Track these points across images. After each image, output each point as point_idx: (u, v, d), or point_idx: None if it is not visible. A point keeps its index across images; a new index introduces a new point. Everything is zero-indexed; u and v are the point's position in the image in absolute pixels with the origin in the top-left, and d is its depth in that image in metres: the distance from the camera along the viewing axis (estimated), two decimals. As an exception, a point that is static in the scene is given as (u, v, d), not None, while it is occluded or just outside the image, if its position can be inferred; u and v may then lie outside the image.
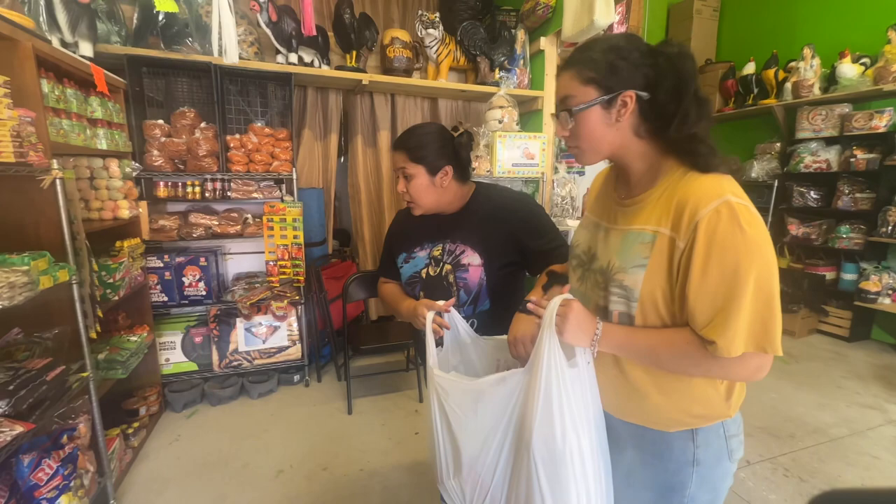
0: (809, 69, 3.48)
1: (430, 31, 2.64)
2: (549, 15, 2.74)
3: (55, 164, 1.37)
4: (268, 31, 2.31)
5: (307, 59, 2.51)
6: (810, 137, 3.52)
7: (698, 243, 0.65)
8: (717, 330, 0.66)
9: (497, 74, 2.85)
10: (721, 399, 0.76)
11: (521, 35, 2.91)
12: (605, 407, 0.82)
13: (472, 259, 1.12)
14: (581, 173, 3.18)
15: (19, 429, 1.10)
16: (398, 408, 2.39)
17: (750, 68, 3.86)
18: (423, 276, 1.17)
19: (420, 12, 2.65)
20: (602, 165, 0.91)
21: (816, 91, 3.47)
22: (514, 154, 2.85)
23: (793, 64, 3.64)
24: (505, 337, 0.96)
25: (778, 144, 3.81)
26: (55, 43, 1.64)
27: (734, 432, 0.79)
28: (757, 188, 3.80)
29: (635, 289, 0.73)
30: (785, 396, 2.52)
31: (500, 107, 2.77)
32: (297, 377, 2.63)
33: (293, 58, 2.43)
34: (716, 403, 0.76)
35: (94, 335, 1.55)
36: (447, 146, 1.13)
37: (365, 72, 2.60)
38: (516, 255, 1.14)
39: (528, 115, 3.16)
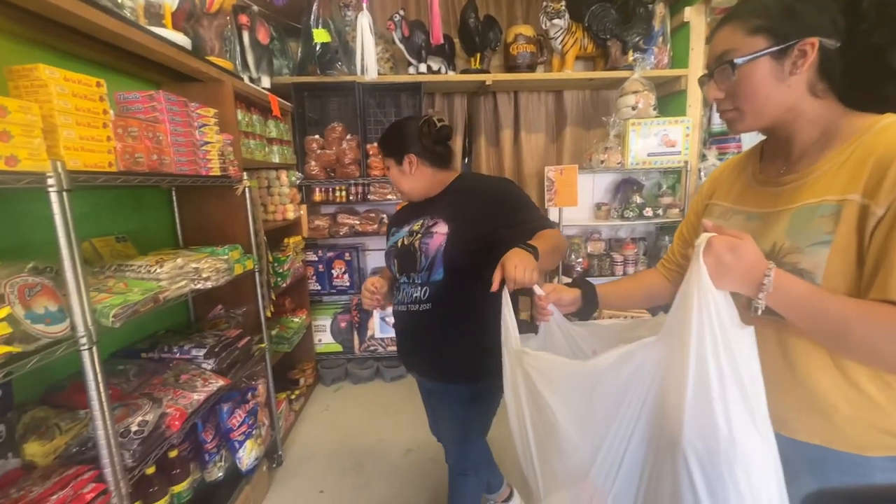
0: None
1: (556, 21, 2.55)
2: (696, -19, 2.41)
3: (245, 176, 1.73)
4: (401, 46, 2.52)
5: (435, 66, 2.66)
6: None
7: None
8: None
9: (630, 57, 2.62)
10: None
11: (660, 9, 2.62)
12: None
13: (440, 228, 1.16)
14: (737, 160, 2.72)
15: (221, 382, 1.42)
16: (518, 406, 2.37)
17: None
18: (399, 245, 1.24)
19: (544, 3, 2.58)
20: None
21: None
22: (650, 143, 2.58)
23: None
24: (602, 322, 0.85)
25: None
26: (245, 79, 2.06)
27: None
28: None
29: (816, 272, 0.59)
30: None
31: (634, 92, 2.54)
32: (423, 366, 2.81)
33: (423, 67, 2.60)
34: None
35: (268, 314, 1.90)
36: (409, 136, 1.20)
37: (488, 72, 2.65)
38: (486, 230, 1.11)
39: (667, 99, 2.83)
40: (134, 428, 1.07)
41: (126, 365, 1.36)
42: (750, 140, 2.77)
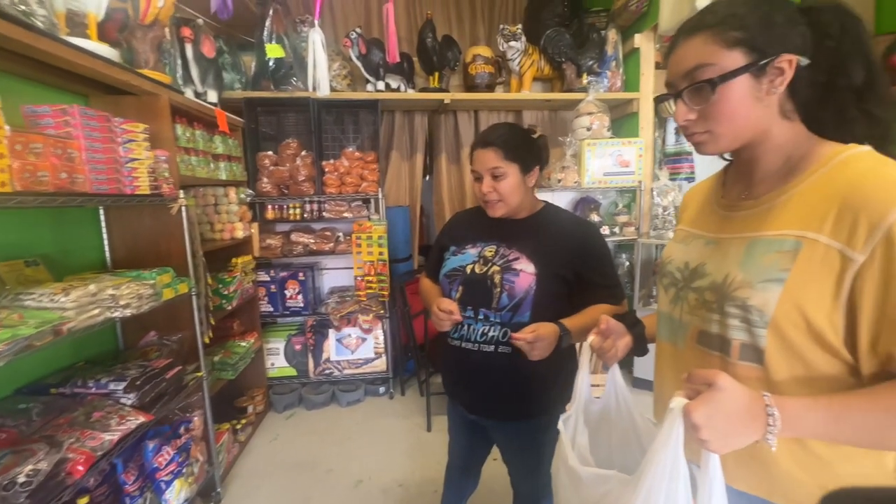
0: None
1: (512, 43, 2.60)
2: (644, 9, 2.50)
3: (181, 194, 1.63)
4: (358, 63, 2.50)
5: (394, 84, 2.65)
6: None
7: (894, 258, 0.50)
8: None
9: (585, 80, 2.68)
10: (891, 475, 0.58)
11: (612, 35, 2.71)
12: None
13: (525, 266, 1.06)
14: (690, 179, 2.81)
15: (141, 419, 1.30)
16: (477, 430, 2.31)
17: (927, 37, 3.04)
18: (468, 271, 1.11)
19: (501, 26, 2.63)
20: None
21: None
22: (605, 163, 2.64)
23: None
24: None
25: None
26: (189, 93, 1.97)
27: None
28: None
29: (764, 310, 0.56)
30: None
31: (589, 113, 2.60)
32: (382, 389, 2.72)
33: (381, 85, 2.58)
34: (881, 481, 0.58)
35: (207, 340, 1.78)
36: (533, 146, 1.11)
37: (447, 91, 2.66)
38: (570, 278, 1.08)
39: (621, 121, 2.91)
40: (21, 479, 0.95)
41: (30, 403, 1.22)
42: (706, 162, 2.87)
